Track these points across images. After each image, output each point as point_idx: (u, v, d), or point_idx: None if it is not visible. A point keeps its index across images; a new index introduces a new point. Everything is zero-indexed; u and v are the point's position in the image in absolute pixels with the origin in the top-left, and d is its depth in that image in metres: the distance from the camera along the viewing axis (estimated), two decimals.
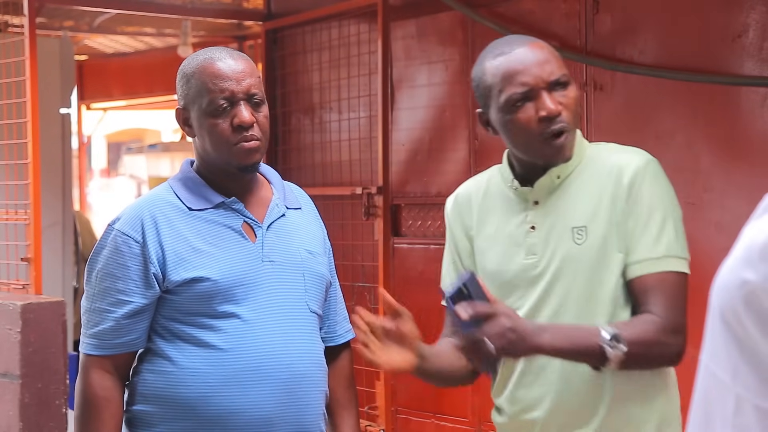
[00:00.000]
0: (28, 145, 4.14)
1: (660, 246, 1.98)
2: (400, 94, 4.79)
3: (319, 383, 2.28)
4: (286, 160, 5.37)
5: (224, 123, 2.18)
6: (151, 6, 5.52)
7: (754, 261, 0.93)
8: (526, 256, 2.08)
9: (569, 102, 2.03)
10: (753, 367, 0.92)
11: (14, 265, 4.21)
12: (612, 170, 2.03)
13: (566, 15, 4.01)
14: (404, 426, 4.64)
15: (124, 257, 2.19)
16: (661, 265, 1.98)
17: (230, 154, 2.19)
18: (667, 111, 3.75)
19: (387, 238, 4.70)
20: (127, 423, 2.26)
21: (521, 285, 2.09)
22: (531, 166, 2.10)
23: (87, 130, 9.69)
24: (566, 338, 1.92)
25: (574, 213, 2.05)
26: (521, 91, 2.01)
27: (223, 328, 2.17)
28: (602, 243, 2.00)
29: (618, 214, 2.00)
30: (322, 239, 2.40)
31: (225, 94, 2.18)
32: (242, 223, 2.24)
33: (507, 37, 2.15)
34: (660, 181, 2.03)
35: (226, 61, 2.22)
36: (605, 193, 2.02)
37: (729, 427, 0.93)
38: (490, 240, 2.16)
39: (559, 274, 2.04)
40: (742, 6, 3.52)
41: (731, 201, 3.53)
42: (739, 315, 0.92)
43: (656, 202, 2.00)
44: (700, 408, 0.97)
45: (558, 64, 2.04)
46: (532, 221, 2.09)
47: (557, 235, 2.05)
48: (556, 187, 2.08)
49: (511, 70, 2.02)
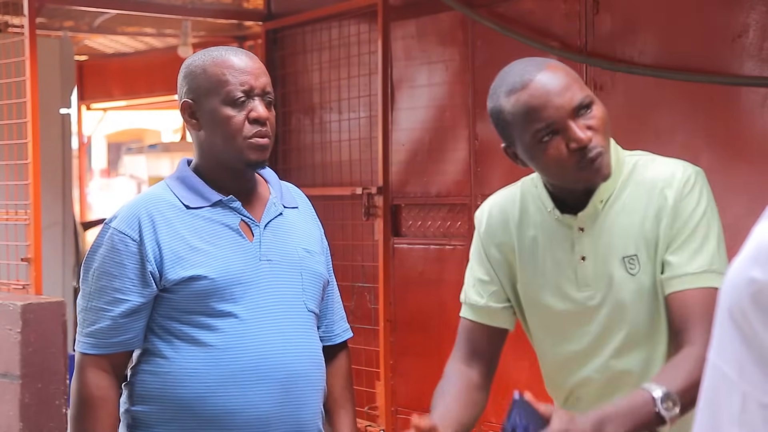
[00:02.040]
0: (28, 146, 4.14)
1: (701, 260, 1.91)
2: (400, 94, 4.79)
3: (317, 382, 2.28)
4: (286, 160, 5.37)
5: (240, 115, 2.19)
6: (151, 6, 5.52)
7: (762, 260, 0.93)
8: (579, 288, 2.01)
9: (598, 124, 1.90)
10: (760, 365, 0.92)
11: (14, 265, 4.21)
12: (655, 185, 1.96)
13: (566, 15, 4.01)
14: (404, 426, 4.64)
15: (120, 255, 2.18)
16: (701, 281, 1.90)
17: (242, 148, 2.19)
18: (667, 111, 3.75)
19: (387, 238, 4.71)
20: (126, 424, 2.26)
21: (578, 318, 2.02)
22: (569, 191, 2.00)
23: (87, 130, 9.69)
24: (628, 421, 1.81)
25: (622, 241, 1.97)
26: (546, 127, 1.88)
27: (221, 328, 2.17)
28: (654, 270, 1.94)
29: (664, 231, 1.94)
30: (319, 238, 2.40)
31: (244, 87, 2.19)
32: (240, 222, 2.24)
33: (518, 63, 1.98)
34: (704, 193, 1.96)
35: (241, 56, 2.24)
36: (649, 212, 1.95)
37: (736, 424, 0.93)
38: (535, 267, 2.07)
39: (618, 306, 1.98)
40: (742, 6, 3.52)
41: (731, 201, 3.53)
42: (747, 313, 0.93)
43: (700, 214, 1.93)
44: (706, 405, 0.98)
45: (579, 86, 1.91)
46: (580, 251, 2.00)
47: (609, 265, 1.98)
48: (600, 211, 2.00)
49: (531, 107, 1.89)
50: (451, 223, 4.61)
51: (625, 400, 1.88)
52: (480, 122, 4.40)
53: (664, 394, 1.80)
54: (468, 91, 4.46)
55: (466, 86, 4.47)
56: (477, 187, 4.45)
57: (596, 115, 1.92)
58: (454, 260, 4.53)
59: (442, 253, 4.62)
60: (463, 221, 4.53)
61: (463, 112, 4.51)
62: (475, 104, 4.42)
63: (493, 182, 4.39)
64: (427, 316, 4.62)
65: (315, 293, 2.31)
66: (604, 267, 1.98)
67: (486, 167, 4.42)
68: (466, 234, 4.49)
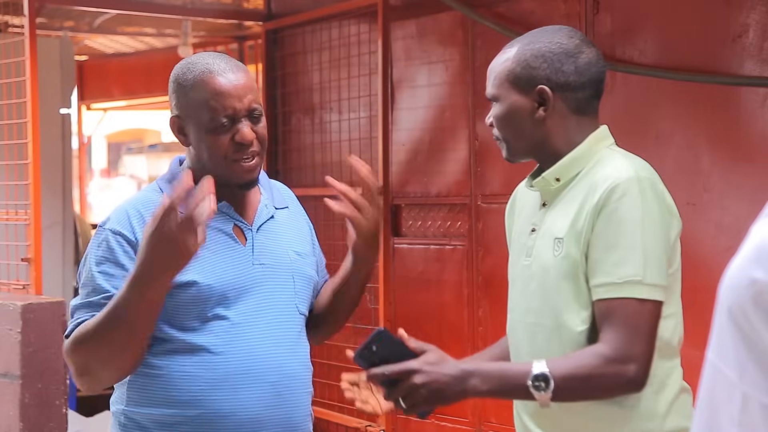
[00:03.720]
0: (28, 146, 4.14)
1: (622, 270, 1.92)
2: (400, 94, 4.79)
3: (306, 384, 2.30)
4: (286, 160, 5.37)
5: (224, 138, 2.17)
6: (151, 6, 5.52)
7: (763, 260, 0.93)
8: (525, 257, 2.10)
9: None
10: (760, 366, 0.92)
11: (14, 265, 4.21)
12: (592, 185, 1.99)
13: (566, 15, 4.01)
14: (404, 426, 4.64)
15: (117, 256, 2.17)
16: (621, 291, 1.93)
17: (228, 171, 2.19)
18: (667, 111, 3.75)
19: (387, 238, 4.71)
20: (118, 423, 2.25)
21: (520, 285, 2.12)
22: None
23: (87, 130, 9.69)
24: (496, 381, 1.93)
25: (560, 223, 2.02)
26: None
27: (213, 331, 2.17)
28: (572, 260, 1.98)
29: (589, 233, 1.96)
30: (309, 237, 2.42)
31: (228, 112, 2.16)
32: (233, 226, 2.24)
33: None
34: (634, 202, 1.94)
35: (227, 75, 2.18)
36: (583, 209, 1.98)
37: (735, 424, 0.93)
38: (514, 237, 2.20)
39: (540, 280, 2.04)
40: (742, 6, 3.52)
41: (731, 201, 3.53)
42: (748, 313, 0.93)
43: (625, 223, 1.93)
44: (705, 404, 0.98)
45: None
46: (534, 223, 2.10)
47: (546, 241, 2.05)
48: (559, 191, 2.06)
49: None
50: (451, 223, 4.61)
51: (505, 365, 2.02)
52: (480, 122, 4.40)
53: (540, 373, 1.89)
54: (468, 91, 4.46)
55: (466, 86, 4.47)
56: (477, 187, 4.45)
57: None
58: (454, 260, 4.53)
59: (442, 253, 4.62)
60: (463, 221, 4.53)
61: (463, 112, 4.51)
62: (475, 104, 4.42)
63: (493, 182, 4.40)
64: (427, 316, 4.62)
65: (306, 296, 2.33)
66: (543, 241, 2.05)
67: (486, 167, 4.42)
68: (466, 234, 4.49)
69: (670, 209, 2.01)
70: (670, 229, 2.00)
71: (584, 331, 1.99)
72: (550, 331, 2.02)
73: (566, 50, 2.07)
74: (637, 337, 1.92)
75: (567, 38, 2.08)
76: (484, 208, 4.43)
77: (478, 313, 4.35)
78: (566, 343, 2.00)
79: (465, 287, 4.44)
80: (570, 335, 1.99)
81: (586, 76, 2.07)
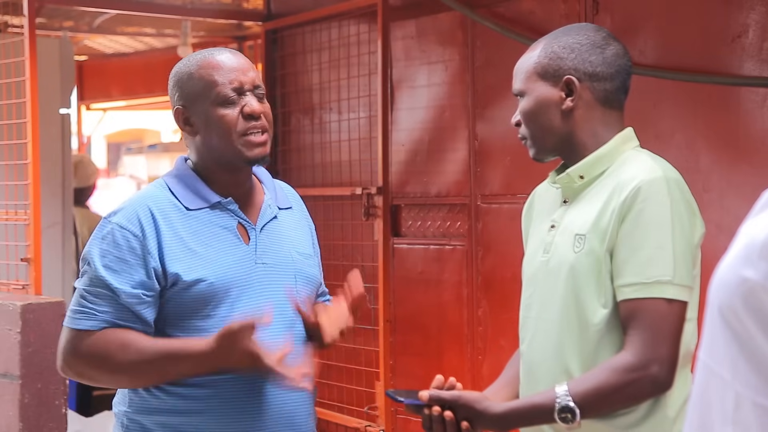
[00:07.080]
0: (28, 146, 4.14)
1: (651, 270, 1.91)
2: (400, 94, 4.79)
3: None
4: (286, 160, 5.37)
5: (233, 112, 2.19)
6: (151, 6, 5.52)
7: (753, 259, 0.92)
8: (543, 254, 2.09)
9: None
10: (753, 365, 0.92)
11: (14, 265, 4.21)
12: (619, 184, 1.99)
13: (566, 15, 4.01)
14: (404, 426, 4.64)
15: (122, 251, 2.16)
16: (650, 291, 1.92)
17: (239, 145, 2.20)
18: (667, 111, 3.75)
19: (387, 238, 4.71)
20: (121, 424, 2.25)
21: (536, 281, 2.11)
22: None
23: (87, 130, 9.68)
24: (526, 422, 1.98)
25: (582, 219, 2.01)
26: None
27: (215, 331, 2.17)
28: (595, 257, 1.97)
29: (615, 231, 1.95)
30: (311, 238, 2.42)
31: (234, 84, 2.20)
32: (237, 224, 2.25)
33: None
34: (663, 201, 1.94)
35: (227, 54, 2.24)
36: (608, 207, 1.98)
37: (728, 424, 0.93)
38: (531, 235, 2.19)
39: (560, 276, 2.03)
40: (742, 6, 3.52)
41: (731, 201, 3.53)
42: (739, 313, 0.92)
43: (654, 223, 1.93)
44: (698, 404, 0.97)
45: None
46: (554, 220, 2.09)
47: (565, 238, 2.04)
48: (582, 189, 2.06)
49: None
50: (450, 223, 4.61)
51: (530, 402, 2.00)
52: (480, 122, 4.40)
53: (564, 406, 1.90)
54: (468, 91, 4.46)
55: (466, 86, 4.47)
56: (477, 187, 4.45)
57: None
58: (454, 260, 4.53)
59: (441, 253, 4.61)
60: (463, 221, 4.53)
61: (463, 112, 4.51)
62: (475, 104, 4.42)
63: (492, 182, 4.40)
64: (427, 316, 4.62)
65: (307, 296, 2.32)
66: (563, 238, 2.05)
67: (486, 167, 4.42)
68: (466, 234, 4.49)
69: (695, 211, 2.01)
70: (695, 230, 2.00)
71: (602, 327, 1.97)
72: (567, 327, 2.01)
73: (593, 42, 2.08)
74: (662, 339, 1.90)
75: (594, 32, 2.11)
76: (483, 209, 4.42)
77: (478, 313, 4.35)
78: (583, 339, 1.99)
79: (464, 287, 4.43)
80: (587, 331, 1.98)
81: (613, 67, 2.08)
